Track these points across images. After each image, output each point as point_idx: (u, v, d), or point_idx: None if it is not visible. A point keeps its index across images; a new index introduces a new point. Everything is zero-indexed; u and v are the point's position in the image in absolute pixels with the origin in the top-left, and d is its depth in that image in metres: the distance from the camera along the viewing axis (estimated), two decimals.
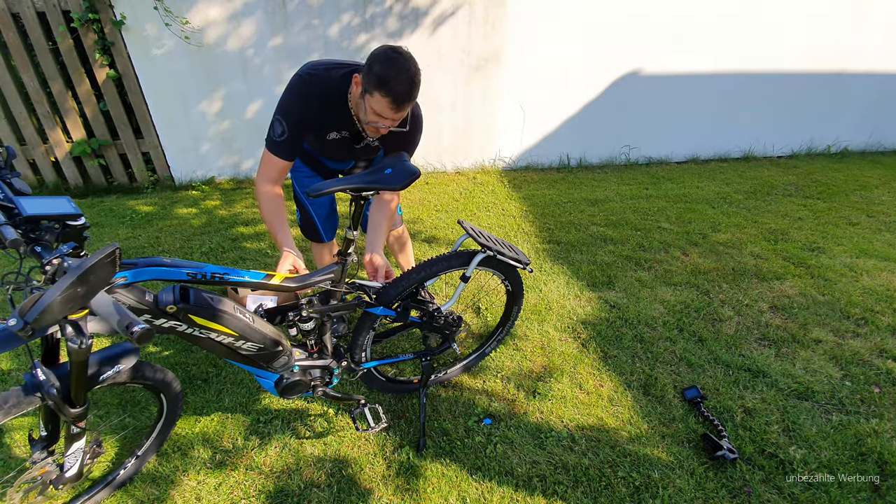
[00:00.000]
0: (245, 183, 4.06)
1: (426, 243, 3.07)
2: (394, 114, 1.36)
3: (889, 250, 3.03)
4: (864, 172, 4.48)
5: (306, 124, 1.51)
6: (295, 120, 1.49)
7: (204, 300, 1.13)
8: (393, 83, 1.30)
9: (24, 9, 3.23)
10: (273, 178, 1.55)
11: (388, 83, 1.29)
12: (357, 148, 1.67)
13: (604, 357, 2.14)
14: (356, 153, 1.71)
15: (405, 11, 3.67)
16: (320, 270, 1.47)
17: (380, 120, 1.39)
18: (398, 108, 1.35)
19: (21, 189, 1.07)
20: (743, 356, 2.14)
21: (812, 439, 1.74)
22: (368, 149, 1.69)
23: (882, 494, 1.55)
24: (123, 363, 1.19)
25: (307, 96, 1.48)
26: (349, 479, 1.59)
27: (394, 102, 1.32)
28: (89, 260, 0.83)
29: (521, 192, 3.93)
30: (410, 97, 1.34)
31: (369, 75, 1.32)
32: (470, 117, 4.19)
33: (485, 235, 1.64)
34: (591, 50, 4.04)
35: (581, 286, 2.64)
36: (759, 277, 2.74)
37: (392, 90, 1.30)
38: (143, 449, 1.53)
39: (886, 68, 4.61)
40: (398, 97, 1.32)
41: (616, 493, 1.56)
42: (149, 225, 3.32)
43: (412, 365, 2.10)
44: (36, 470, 1.20)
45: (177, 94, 3.67)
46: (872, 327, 2.32)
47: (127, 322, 0.82)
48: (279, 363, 1.40)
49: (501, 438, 1.75)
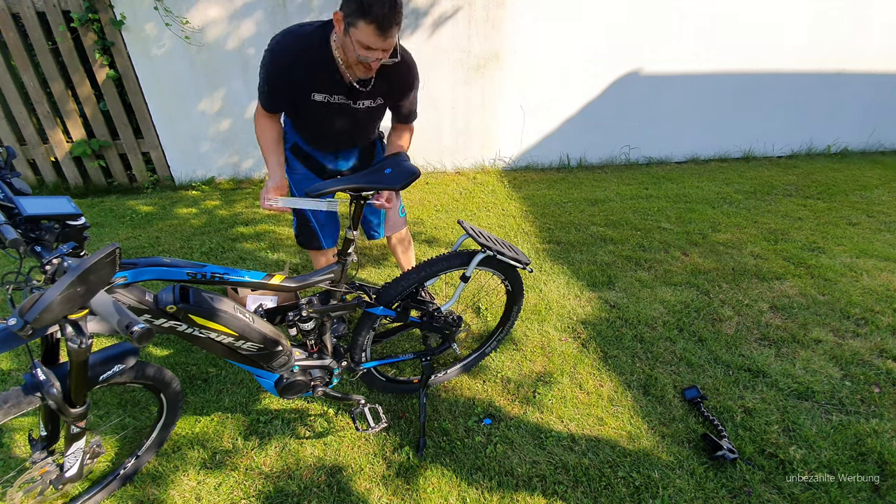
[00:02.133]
0: (245, 183, 4.06)
1: (426, 243, 3.07)
2: (382, 42, 1.33)
3: (889, 250, 3.03)
4: (864, 172, 4.48)
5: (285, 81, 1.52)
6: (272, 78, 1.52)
7: (204, 300, 1.13)
8: (375, 7, 1.28)
9: (24, 9, 3.23)
10: (264, 117, 1.64)
11: (371, 8, 1.28)
12: (358, 110, 1.62)
13: (604, 357, 2.14)
14: (357, 118, 1.65)
15: (405, 12, 3.67)
16: (320, 270, 1.47)
17: (369, 53, 1.36)
18: (384, 34, 1.32)
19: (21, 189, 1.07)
20: (743, 356, 2.14)
21: (812, 439, 1.74)
22: (371, 110, 1.64)
23: (882, 494, 1.55)
24: (123, 363, 1.19)
25: (279, 66, 1.49)
26: (349, 479, 1.59)
27: (379, 28, 1.30)
28: (89, 259, 0.83)
29: (521, 192, 3.93)
30: (395, 19, 1.32)
31: (349, 5, 1.31)
32: (470, 117, 4.19)
33: (485, 235, 1.64)
34: (591, 50, 4.04)
35: (581, 286, 2.64)
36: (759, 277, 2.73)
37: (376, 15, 1.28)
38: (143, 449, 1.53)
39: (886, 68, 4.61)
40: (383, 21, 1.29)
41: (616, 493, 1.56)
42: (149, 225, 3.32)
43: (412, 365, 2.10)
44: (36, 470, 1.20)
45: (177, 94, 3.67)
46: (872, 327, 2.32)
47: (127, 322, 0.82)
48: (279, 363, 1.40)
49: (501, 438, 1.75)
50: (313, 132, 1.74)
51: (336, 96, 1.56)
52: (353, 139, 1.79)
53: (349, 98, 1.58)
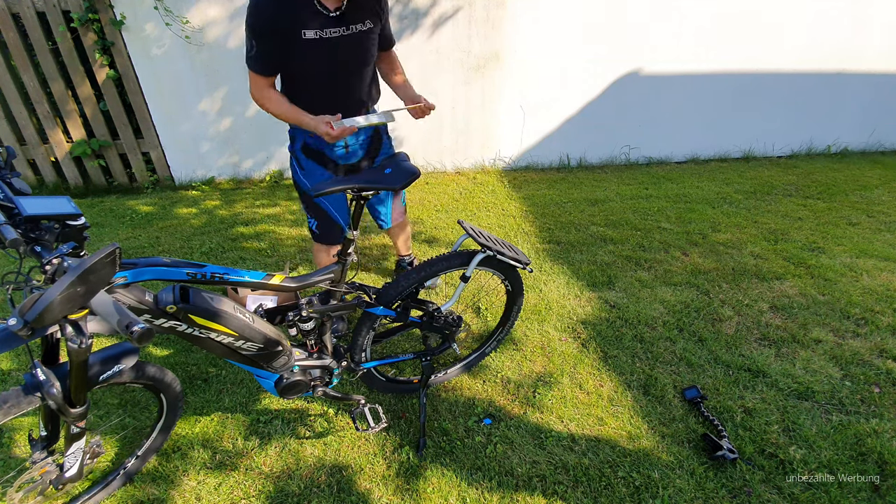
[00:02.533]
0: (245, 183, 4.06)
1: (426, 243, 3.07)
2: None
3: (889, 250, 3.03)
4: (864, 172, 4.48)
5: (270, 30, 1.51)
6: (258, 29, 1.51)
7: (204, 300, 1.13)
8: None
9: (24, 9, 3.23)
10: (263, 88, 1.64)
11: None
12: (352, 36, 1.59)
13: (604, 357, 2.14)
14: (353, 49, 1.62)
15: (405, 12, 3.67)
16: (320, 270, 1.47)
17: None
18: None
19: (21, 189, 1.07)
20: (743, 356, 2.14)
21: (812, 439, 1.74)
22: (365, 35, 1.63)
23: (882, 494, 1.55)
24: (123, 363, 1.19)
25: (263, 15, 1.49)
26: (349, 480, 1.59)
27: None
28: (89, 259, 0.83)
29: (521, 192, 3.93)
30: None
31: None
32: (470, 117, 4.19)
33: (485, 235, 1.64)
34: (591, 50, 4.04)
35: (581, 286, 2.64)
36: (759, 277, 2.73)
37: None
38: (143, 449, 1.53)
39: (886, 68, 4.61)
40: None
41: (616, 493, 1.56)
42: (149, 225, 3.32)
43: (412, 365, 2.10)
44: (36, 470, 1.20)
45: (177, 94, 3.67)
46: (872, 327, 2.32)
47: (127, 322, 0.82)
48: (279, 363, 1.40)
49: (501, 438, 1.75)
50: (315, 87, 1.69)
51: (327, 30, 1.54)
52: (356, 85, 1.74)
53: (339, 25, 1.56)
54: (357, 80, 1.74)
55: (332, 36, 1.56)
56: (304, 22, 1.51)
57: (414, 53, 3.80)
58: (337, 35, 1.56)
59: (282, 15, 1.48)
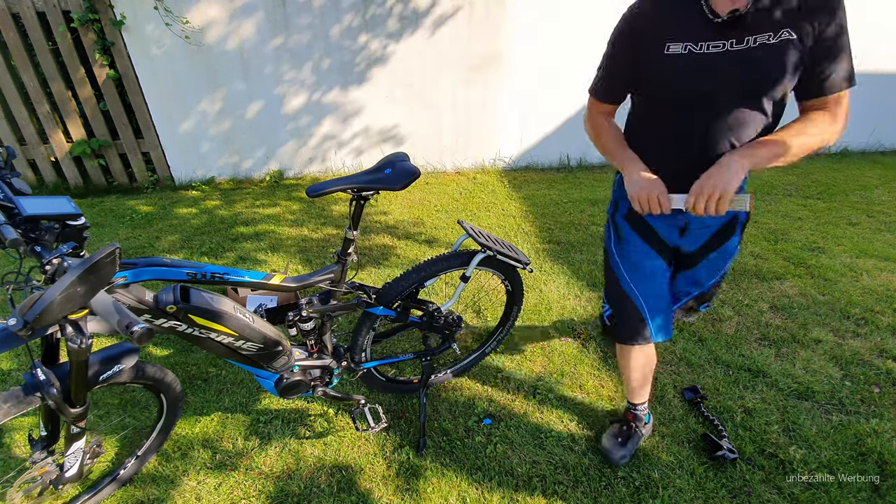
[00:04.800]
0: (245, 183, 4.06)
1: (426, 243, 3.07)
2: None
3: (889, 250, 3.03)
4: (864, 172, 4.48)
5: (630, 50, 1.15)
6: (618, 43, 1.17)
7: (204, 300, 1.13)
8: None
9: (24, 9, 3.23)
10: (595, 116, 1.35)
11: None
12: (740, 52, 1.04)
13: (604, 357, 2.14)
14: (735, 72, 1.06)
15: (406, 12, 3.67)
16: (320, 270, 1.47)
17: None
18: None
19: (21, 189, 1.07)
20: (743, 356, 2.14)
21: (812, 439, 1.74)
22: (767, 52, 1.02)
23: (882, 494, 1.55)
24: (123, 363, 1.19)
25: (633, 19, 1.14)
26: (349, 480, 1.59)
27: None
28: (89, 259, 0.83)
29: (521, 192, 3.93)
30: None
31: None
32: (470, 117, 4.19)
33: (485, 235, 1.64)
34: (591, 50, 4.03)
35: (581, 286, 2.64)
36: (759, 277, 2.73)
37: None
38: (144, 449, 1.53)
39: (886, 68, 4.61)
40: None
41: (616, 493, 1.56)
42: (149, 225, 3.32)
43: (412, 365, 2.10)
44: (36, 470, 1.20)
45: (177, 94, 3.67)
46: (872, 327, 2.32)
47: (127, 322, 0.82)
48: (279, 363, 1.40)
49: (501, 438, 1.75)
50: (664, 126, 1.20)
51: (702, 43, 1.05)
52: (723, 133, 1.14)
53: (725, 37, 1.03)
54: (733, 126, 1.14)
55: (705, 52, 1.06)
56: (675, 29, 1.07)
57: (414, 54, 3.80)
58: (714, 52, 1.06)
59: (654, 21, 1.11)
